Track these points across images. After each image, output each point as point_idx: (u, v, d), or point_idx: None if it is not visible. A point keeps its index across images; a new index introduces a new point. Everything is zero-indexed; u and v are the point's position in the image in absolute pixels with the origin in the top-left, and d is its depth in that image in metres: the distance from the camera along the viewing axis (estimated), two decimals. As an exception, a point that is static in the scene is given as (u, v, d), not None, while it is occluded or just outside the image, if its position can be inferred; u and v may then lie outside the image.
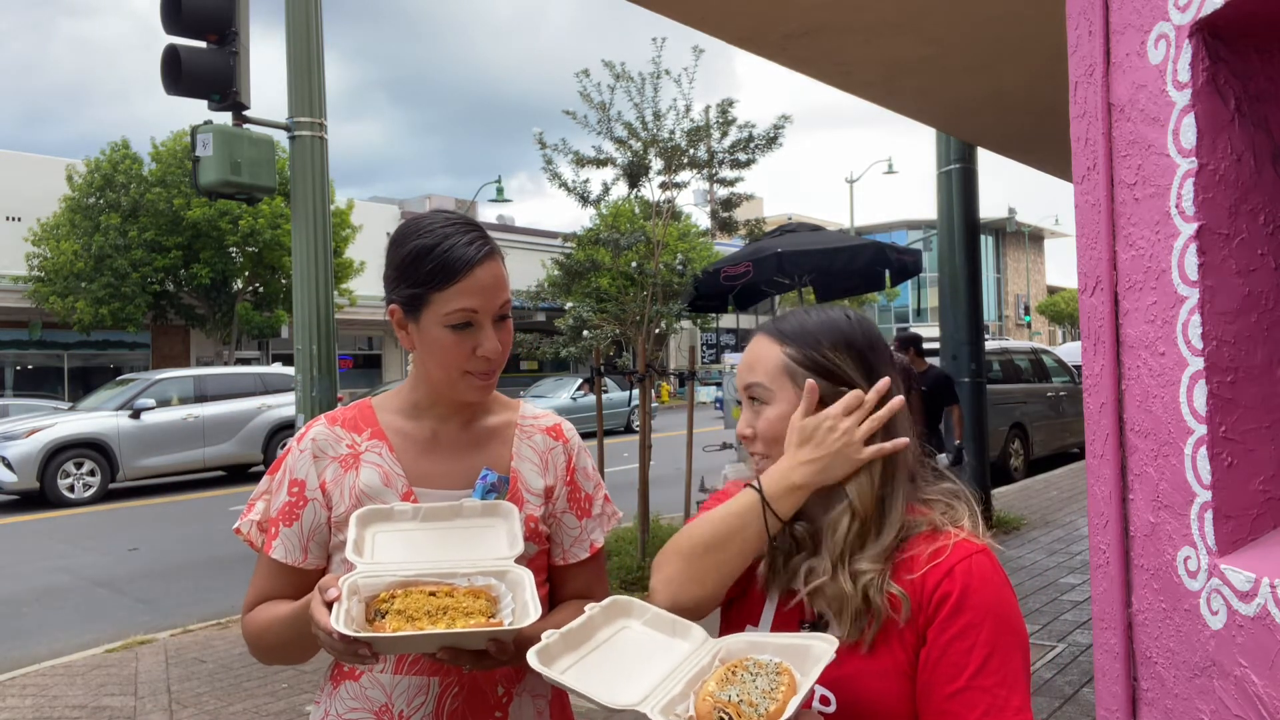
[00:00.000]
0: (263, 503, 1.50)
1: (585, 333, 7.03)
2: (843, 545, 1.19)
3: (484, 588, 1.29)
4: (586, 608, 1.21)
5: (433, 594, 1.25)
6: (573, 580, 1.56)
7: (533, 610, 1.22)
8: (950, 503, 1.25)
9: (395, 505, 1.39)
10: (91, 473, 12.64)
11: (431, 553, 1.33)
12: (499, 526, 1.39)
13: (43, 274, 20.59)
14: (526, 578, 1.29)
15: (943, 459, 7.07)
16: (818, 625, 1.21)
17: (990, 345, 11.84)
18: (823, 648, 1.08)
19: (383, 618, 1.21)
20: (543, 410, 1.63)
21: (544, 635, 1.12)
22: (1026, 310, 53.29)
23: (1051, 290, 58.81)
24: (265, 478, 1.52)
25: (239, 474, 14.41)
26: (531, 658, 1.09)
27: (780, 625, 1.25)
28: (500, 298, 1.43)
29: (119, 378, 16.13)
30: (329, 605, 1.20)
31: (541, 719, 1.49)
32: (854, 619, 1.16)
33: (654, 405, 6.75)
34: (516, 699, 1.46)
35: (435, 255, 1.39)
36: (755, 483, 1.24)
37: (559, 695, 1.53)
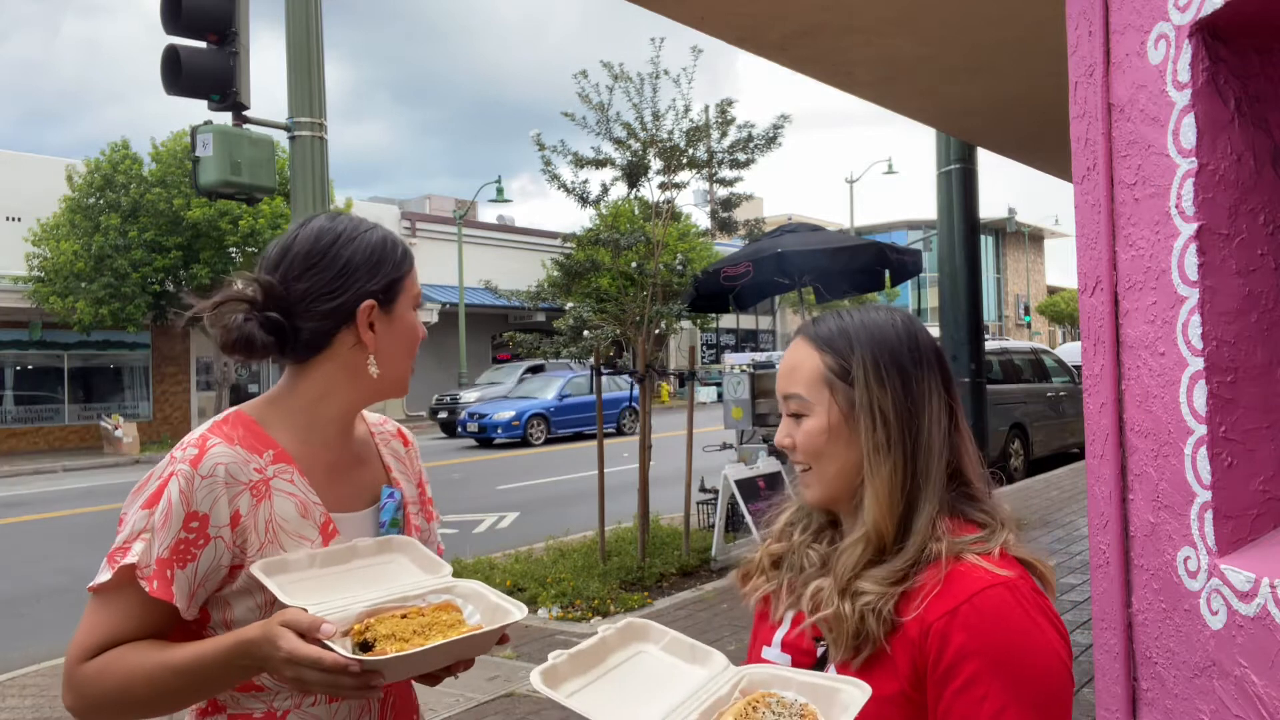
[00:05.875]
0: (142, 543, 1.22)
1: (585, 333, 7.03)
2: (850, 570, 1.12)
3: (446, 603, 1.22)
4: (600, 629, 1.13)
5: (404, 616, 1.17)
6: None
7: (514, 611, 1.19)
8: (989, 527, 1.12)
9: (288, 555, 1.24)
10: None
11: (355, 591, 1.22)
12: (400, 559, 1.31)
13: (43, 274, 20.55)
14: (480, 586, 1.24)
15: None
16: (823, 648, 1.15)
17: (990, 345, 11.85)
18: (852, 694, 0.99)
19: (371, 647, 1.12)
20: (377, 415, 1.52)
21: (551, 655, 1.05)
22: (1026, 310, 53.27)
23: (1051, 290, 58.80)
24: (139, 513, 1.23)
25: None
26: (535, 679, 1.01)
27: (791, 647, 1.19)
28: None
29: None
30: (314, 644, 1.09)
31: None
32: (849, 640, 1.08)
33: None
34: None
35: (392, 241, 1.38)
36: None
37: None
